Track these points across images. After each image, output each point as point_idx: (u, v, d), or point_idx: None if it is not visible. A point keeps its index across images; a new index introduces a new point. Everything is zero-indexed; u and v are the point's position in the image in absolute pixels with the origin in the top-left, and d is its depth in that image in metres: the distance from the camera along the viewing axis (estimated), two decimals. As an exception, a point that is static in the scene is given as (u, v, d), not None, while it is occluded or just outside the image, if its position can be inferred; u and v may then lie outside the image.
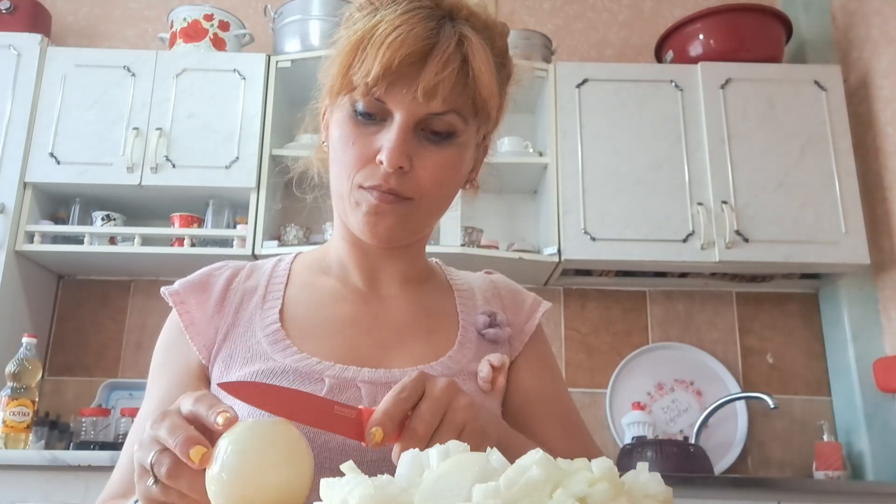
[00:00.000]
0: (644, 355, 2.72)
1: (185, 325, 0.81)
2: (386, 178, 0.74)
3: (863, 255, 2.46)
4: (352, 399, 0.75)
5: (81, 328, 2.73)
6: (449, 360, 0.82)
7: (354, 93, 0.74)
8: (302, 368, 0.77)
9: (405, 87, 0.72)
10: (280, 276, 0.87)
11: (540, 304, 0.93)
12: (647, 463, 0.48)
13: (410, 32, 0.72)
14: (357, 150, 0.76)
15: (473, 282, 0.94)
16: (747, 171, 2.55)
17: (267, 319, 0.82)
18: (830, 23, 2.94)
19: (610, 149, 2.58)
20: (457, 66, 0.73)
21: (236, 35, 2.77)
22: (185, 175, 2.52)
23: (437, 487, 0.43)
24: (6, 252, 2.43)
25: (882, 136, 2.64)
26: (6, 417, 2.13)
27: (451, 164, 0.78)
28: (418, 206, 0.77)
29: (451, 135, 0.76)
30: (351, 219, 0.79)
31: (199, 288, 0.84)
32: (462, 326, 0.86)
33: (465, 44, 0.74)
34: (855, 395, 2.54)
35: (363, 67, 0.72)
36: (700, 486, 2.03)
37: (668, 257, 2.49)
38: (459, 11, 0.77)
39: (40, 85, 2.59)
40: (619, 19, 3.12)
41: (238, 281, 0.86)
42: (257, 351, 0.79)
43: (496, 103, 0.79)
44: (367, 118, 0.75)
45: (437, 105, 0.73)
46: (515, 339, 0.89)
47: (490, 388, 0.82)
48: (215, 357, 0.80)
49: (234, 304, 0.83)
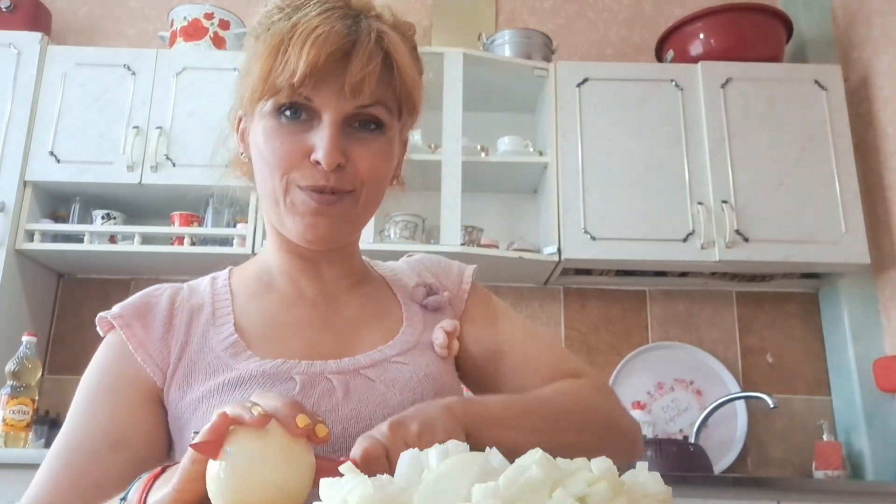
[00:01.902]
0: (644, 355, 2.72)
1: (135, 347, 0.79)
2: (325, 176, 0.74)
3: (863, 255, 2.46)
4: (325, 391, 0.76)
5: (81, 327, 2.73)
6: (402, 336, 0.84)
7: (278, 95, 0.74)
8: (269, 371, 0.76)
9: (331, 84, 0.73)
10: (222, 292, 0.86)
11: (466, 267, 0.96)
12: (646, 462, 0.48)
13: (332, 30, 0.72)
14: (286, 148, 0.75)
15: (398, 268, 0.96)
16: (747, 170, 2.54)
17: (223, 333, 0.80)
18: (831, 22, 2.94)
19: (610, 148, 2.58)
20: (380, 61, 0.74)
21: (236, 34, 2.77)
22: (185, 174, 2.52)
23: (437, 487, 0.43)
24: (6, 251, 2.43)
25: (882, 136, 2.64)
26: (6, 416, 2.14)
27: (383, 154, 0.78)
28: (357, 198, 0.78)
29: (379, 126, 0.77)
30: (287, 222, 0.78)
31: (142, 310, 0.82)
32: (404, 304, 0.88)
33: (384, 38, 0.75)
34: (855, 394, 2.54)
35: (287, 68, 0.72)
36: (700, 486, 2.03)
37: (668, 257, 2.49)
38: (369, 11, 0.78)
39: (40, 83, 2.59)
40: (619, 18, 3.12)
41: (181, 299, 0.84)
42: (218, 365, 0.78)
43: (419, 95, 0.81)
44: (293, 119, 0.75)
45: (364, 99, 0.74)
46: (455, 299, 0.92)
47: (448, 354, 0.85)
48: (171, 377, 0.78)
49: (183, 323, 0.81)
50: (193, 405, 0.76)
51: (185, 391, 0.77)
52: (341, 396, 0.76)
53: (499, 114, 2.86)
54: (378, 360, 0.80)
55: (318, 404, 0.75)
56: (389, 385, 0.78)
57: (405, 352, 0.82)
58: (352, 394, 0.77)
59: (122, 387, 0.78)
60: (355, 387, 0.77)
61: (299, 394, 0.75)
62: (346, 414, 0.75)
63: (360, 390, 0.77)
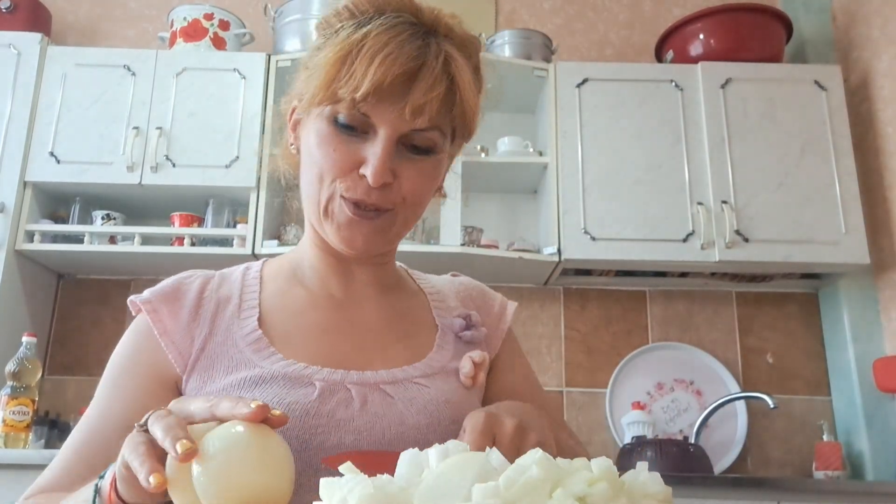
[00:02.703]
0: (644, 355, 2.72)
1: (160, 333, 0.80)
2: (368, 192, 0.75)
3: (863, 255, 2.46)
4: (343, 400, 0.76)
5: (81, 327, 2.73)
6: (430, 360, 0.84)
7: (338, 105, 0.74)
8: (290, 374, 0.76)
9: (392, 104, 0.72)
10: (252, 284, 0.86)
11: (507, 305, 0.96)
12: (646, 463, 0.48)
13: (401, 51, 0.72)
14: (338, 158, 0.75)
15: (442, 285, 0.95)
16: (747, 171, 2.54)
17: (247, 328, 0.80)
18: (830, 23, 2.94)
19: (610, 149, 2.58)
20: (444, 87, 0.74)
21: (236, 34, 2.77)
22: (185, 174, 2.52)
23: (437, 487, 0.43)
24: (6, 251, 2.43)
25: (882, 136, 2.64)
26: (6, 416, 2.13)
27: (429, 177, 0.79)
28: (396, 217, 0.78)
29: (430, 150, 0.77)
30: (326, 228, 0.79)
31: (171, 297, 0.82)
32: (440, 329, 0.88)
33: (451, 63, 0.75)
34: (855, 394, 2.54)
35: (351, 82, 0.72)
36: (700, 486, 2.03)
37: (668, 257, 2.49)
38: (440, 27, 0.77)
39: (40, 84, 2.59)
40: (619, 19, 3.12)
41: (210, 289, 0.84)
42: (240, 359, 0.78)
43: (476, 121, 0.81)
44: (348, 130, 0.75)
45: (423, 122, 0.74)
46: (491, 338, 0.92)
47: (472, 384, 0.84)
48: (192, 367, 0.79)
49: (209, 313, 0.82)
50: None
51: (205, 382, 0.78)
52: (358, 407, 0.76)
53: (499, 114, 2.86)
54: (400, 378, 0.80)
55: (334, 412, 0.75)
56: (407, 404, 0.78)
57: (429, 375, 0.82)
58: (369, 406, 0.76)
59: (143, 372, 0.80)
60: (373, 400, 0.77)
61: (317, 399, 0.75)
62: (361, 425, 0.75)
63: (377, 404, 0.77)
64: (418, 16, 0.76)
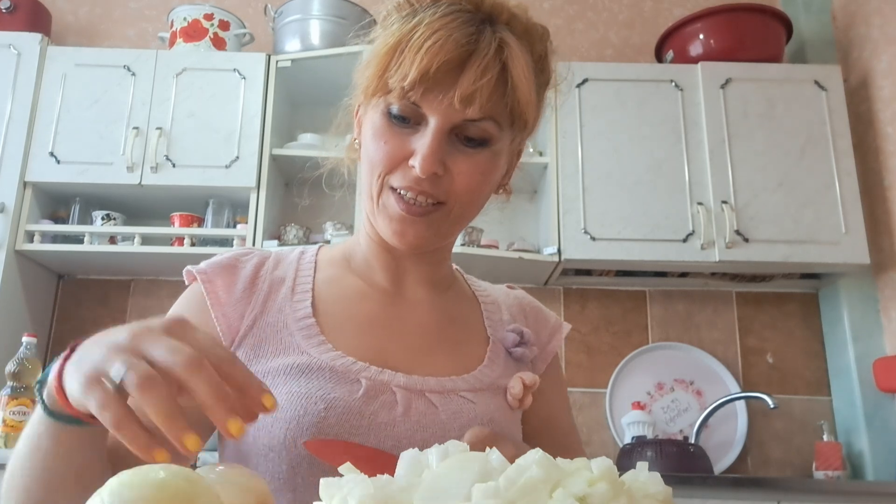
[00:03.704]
0: (644, 355, 2.72)
1: (212, 303, 0.79)
2: (418, 182, 0.73)
3: (863, 255, 2.46)
4: (387, 403, 0.75)
5: (81, 328, 2.73)
6: (479, 374, 0.82)
7: (389, 95, 0.73)
8: (338, 367, 0.76)
9: (442, 92, 0.71)
10: (306, 268, 0.86)
11: (561, 326, 0.95)
12: (646, 463, 0.48)
13: (449, 38, 0.70)
14: (389, 149, 0.74)
15: (497, 295, 0.94)
16: (747, 171, 2.54)
17: (299, 312, 0.80)
18: (830, 23, 2.94)
19: (610, 149, 2.58)
20: (495, 74, 0.71)
21: (236, 34, 2.77)
22: (185, 174, 2.52)
23: (437, 487, 0.43)
24: (6, 251, 2.43)
25: (882, 136, 2.64)
26: (6, 416, 2.14)
27: (484, 170, 0.76)
28: (449, 212, 0.77)
29: (485, 141, 0.75)
30: (379, 221, 0.78)
31: (227, 271, 0.82)
32: (492, 342, 0.86)
33: (504, 50, 0.72)
34: (855, 395, 2.54)
35: (400, 71, 0.71)
36: (700, 486, 2.03)
37: (668, 257, 2.49)
38: (500, 15, 0.75)
39: (40, 84, 2.59)
40: (619, 19, 3.12)
41: (266, 270, 0.84)
42: (290, 343, 0.78)
43: (533, 111, 0.78)
44: (401, 121, 0.74)
45: (474, 112, 0.71)
46: (539, 360, 0.91)
47: (518, 406, 0.83)
48: (239, 343, 0.79)
49: (262, 293, 0.82)
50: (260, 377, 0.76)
51: (251, 360, 0.78)
52: (401, 413, 0.75)
53: (499, 114, 2.86)
54: (448, 388, 0.79)
55: (377, 414, 0.74)
56: (451, 417, 0.77)
57: (477, 390, 0.80)
58: (412, 414, 0.76)
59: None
60: (417, 407, 0.76)
61: (361, 398, 0.74)
62: (401, 432, 0.74)
63: (421, 412, 0.76)
64: (478, 4, 0.74)
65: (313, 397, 0.73)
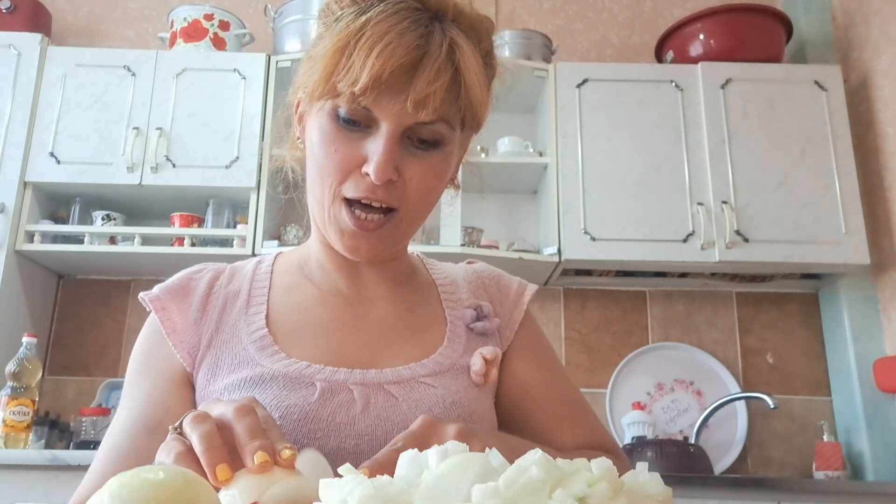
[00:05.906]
0: (644, 355, 2.72)
1: (168, 331, 0.79)
2: (372, 189, 0.72)
3: (863, 255, 2.46)
4: (344, 402, 0.74)
5: (81, 328, 2.73)
6: (439, 356, 0.80)
7: (338, 99, 0.70)
8: (291, 373, 0.75)
9: (394, 96, 0.69)
10: (262, 279, 0.85)
11: (525, 288, 0.91)
12: (646, 463, 0.48)
13: (401, 40, 0.68)
14: (340, 157, 0.72)
15: (456, 274, 0.91)
16: (747, 171, 2.55)
17: (253, 325, 0.79)
18: (830, 23, 2.94)
19: (610, 149, 2.58)
20: (448, 77, 0.70)
21: (236, 35, 2.77)
22: (185, 175, 2.52)
23: (437, 487, 0.43)
24: (6, 252, 2.43)
25: (882, 136, 2.64)
26: (6, 417, 2.14)
27: (437, 172, 0.75)
28: (401, 220, 0.75)
29: (437, 143, 0.73)
30: (330, 233, 0.76)
31: (179, 293, 0.82)
32: (450, 322, 0.84)
33: (456, 52, 0.71)
34: (855, 395, 2.54)
35: (349, 75, 0.68)
36: (700, 487, 2.03)
37: (668, 257, 2.49)
38: (446, 12, 0.73)
39: (40, 85, 2.59)
40: (619, 19, 3.12)
41: (220, 285, 0.83)
42: (244, 357, 0.77)
43: (485, 112, 0.77)
44: (351, 124, 0.72)
45: (427, 115, 0.70)
46: (505, 328, 0.87)
47: (483, 382, 0.81)
48: (200, 364, 0.78)
49: (216, 310, 0.81)
50: (216, 395, 0.76)
51: (210, 379, 0.77)
52: (359, 410, 0.74)
53: (499, 114, 2.83)
54: (406, 377, 0.77)
55: (335, 415, 0.73)
56: (412, 406, 0.75)
57: (437, 373, 0.79)
58: (371, 409, 0.74)
59: (157, 370, 0.79)
60: (376, 402, 0.75)
61: (317, 401, 0.73)
62: (361, 429, 0.73)
63: (380, 406, 0.75)
64: (424, 1, 0.72)
65: (268, 406, 0.72)
